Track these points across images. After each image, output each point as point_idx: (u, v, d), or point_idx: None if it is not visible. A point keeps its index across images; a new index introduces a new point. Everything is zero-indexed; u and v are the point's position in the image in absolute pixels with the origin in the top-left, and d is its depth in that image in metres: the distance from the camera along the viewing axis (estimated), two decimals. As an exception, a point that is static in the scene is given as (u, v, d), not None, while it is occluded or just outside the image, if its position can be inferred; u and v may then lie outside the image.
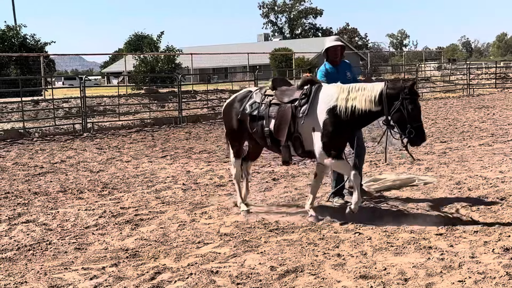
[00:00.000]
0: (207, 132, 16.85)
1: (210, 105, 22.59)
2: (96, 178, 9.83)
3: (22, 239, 6.25)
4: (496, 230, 5.80)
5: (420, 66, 40.76)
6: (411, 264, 4.93)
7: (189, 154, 12.38)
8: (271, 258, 5.27)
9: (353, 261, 5.11)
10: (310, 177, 7.63)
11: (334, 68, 7.19)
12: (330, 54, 7.21)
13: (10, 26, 33.27)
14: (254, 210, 7.09)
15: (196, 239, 6.01)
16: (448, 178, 8.50)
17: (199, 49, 54.64)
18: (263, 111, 6.58)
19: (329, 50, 7.18)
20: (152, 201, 7.87)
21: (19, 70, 29.55)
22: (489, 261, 4.91)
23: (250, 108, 6.71)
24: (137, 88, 29.18)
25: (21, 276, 5.06)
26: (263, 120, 6.55)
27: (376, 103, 6.02)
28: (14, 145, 14.80)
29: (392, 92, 5.98)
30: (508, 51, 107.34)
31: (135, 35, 43.15)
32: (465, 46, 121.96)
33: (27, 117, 17.68)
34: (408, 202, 7.18)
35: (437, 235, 5.73)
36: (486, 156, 10.22)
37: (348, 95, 6.13)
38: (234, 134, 7.03)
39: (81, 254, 5.66)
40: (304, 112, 6.29)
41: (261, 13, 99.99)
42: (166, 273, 5.01)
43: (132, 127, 18.37)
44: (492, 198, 7.19)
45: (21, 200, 8.22)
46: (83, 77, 18.81)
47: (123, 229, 6.54)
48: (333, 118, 6.16)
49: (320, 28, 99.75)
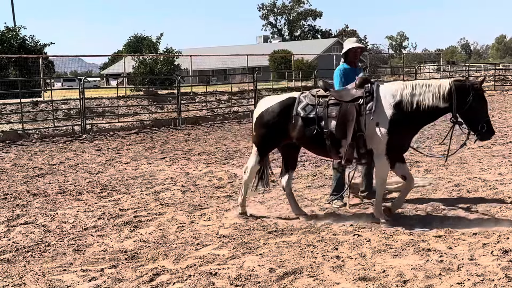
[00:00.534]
0: (206, 134, 16.85)
1: (209, 106, 22.59)
2: (95, 179, 9.82)
3: (21, 241, 6.24)
4: (495, 232, 5.80)
5: (419, 68, 40.79)
6: (410, 266, 4.93)
7: (188, 155, 12.38)
8: (270, 260, 5.26)
9: (352, 263, 5.11)
10: (396, 179, 7.29)
11: (352, 69, 7.27)
12: (351, 56, 7.30)
13: (9, 27, 33.31)
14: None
15: (195, 241, 6.01)
16: (447, 180, 8.50)
17: (198, 50, 54.70)
18: (321, 113, 6.42)
19: (350, 51, 7.26)
20: (151, 203, 7.86)
21: (18, 72, 29.57)
22: (488, 263, 4.91)
23: (304, 111, 6.49)
24: (136, 90, 29.19)
25: (20, 278, 5.06)
26: (321, 121, 6.39)
27: (445, 99, 6.09)
28: (13, 146, 14.78)
29: (462, 88, 6.07)
30: (507, 53, 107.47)
31: (135, 37, 43.22)
32: (464, 48, 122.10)
33: (26, 118, 17.66)
34: (408, 204, 7.17)
35: (436, 237, 5.73)
36: (485, 158, 10.23)
37: (413, 91, 6.18)
38: (271, 141, 6.78)
39: (79, 256, 5.65)
40: (371, 109, 6.22)
41: (261, 15, 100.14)
42: (165, 274, 5.00)
43: (131, 129, 18.37)
44: (491, 200, 7.20)
45: (20, 201, 8.22)
46: (82, 79, 18.81)
47: (122, 230, 6.53)
48: (400, 113, 6.17)
49: (320, 30, 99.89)
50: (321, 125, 6.38)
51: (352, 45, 7.24)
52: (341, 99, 6.40)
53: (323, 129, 6.37)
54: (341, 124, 6.29)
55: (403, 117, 6.16)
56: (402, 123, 6.17)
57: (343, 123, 6.28)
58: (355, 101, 6.32)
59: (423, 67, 43.21)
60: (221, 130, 17.85)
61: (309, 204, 7.44)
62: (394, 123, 6.16)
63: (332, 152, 6.49)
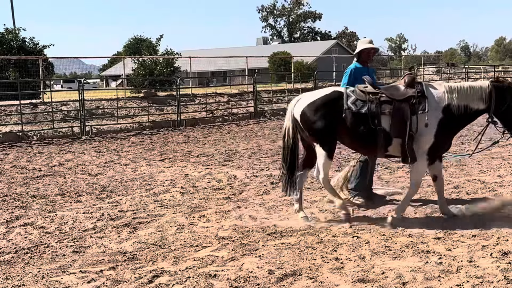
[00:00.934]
0: (205, 136, 16.86)
1: (209, 108, 22.60)
2: (94, 181, 9.82)
3: (20, 242, 6.24)
4: (494, 234, 5.80)
5: (419, 70, 40.81)
6: (409, 268, 4.93)
7: (187, 157, 12.38)
8: (269, 261, 5.26)
9: (351, 264, 5.11)
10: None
11: (364, 68, 7.35)
12: (364, 56, 7.40)
13: (9, 29, 33.33)
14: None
15: (194, 242, 6.01)
16: (446, 182, 8.49)
17: (197, 52, 54.69)
18: (374, 109, 6.34)
19: (364, 51, 7.35)
20: (150, 205, 7.86)
21: (18, 73, 29.55)
22: (487, 265, 4.91)
23: (355, 106, 6.38)
24: (135, 91, 29.18)
25: (19, 279, 5.06)
26: (374, 118, 6.32)
27: (485, 101, 6.21)
28: (12, 148, 14.78)
29: (500, 89, 6.20)
30: (506, 56, 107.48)
31: (134, 38, 43.28)
32: (464, 50, 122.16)
33: (26, 120, 17.66)
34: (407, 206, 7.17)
35: (435, 239, 5.73)
36: (485, 160, 10.23)
37: (458, 95, 6.27)
38: (328, 134, 6.49)
39: (79, 257, 5.65)
40: (424, 109, 6.24)
41: (260, 17, 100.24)
42: (164, 276, 5.00)
43: (130, 130, 18.37)
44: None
45: (19, 203, 8.21)
46: (81, 80, 18.83)
47: (121, 232, 6.53)
48: (447, 115, 6.25)
49: (319, 31, 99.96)
50: (374, 122, 6.31)
51: (366, 46, 7.35)
52: (393, 97, 6.38)
53: (376, 126, 6.31)
54: (397, 122, 6.26)
55: (450, 119, 6.27)
56: (449, 125, 6.28)
57: (399, 121, 6.26)
58: (407, 100, 6.32)
59: (422, 69, 43.25)
60: (221, 132, 17.86)
61: (308, 206, 7.44)
62: (442, 124, 6.25)
63: (381, 150, 6.43)
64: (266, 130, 18.15)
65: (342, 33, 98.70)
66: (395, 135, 6.27)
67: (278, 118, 22.38)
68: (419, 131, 6.22)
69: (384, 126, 6.28)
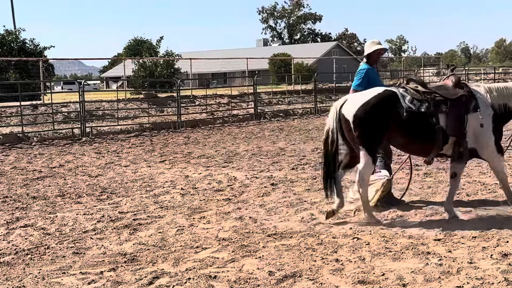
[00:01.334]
0: (205, 137, 16.86)
1: (209, 110, 22.61)
2: (94, 182, 9.83)
3: (20, 244, 6.24)
4: (495, 235, 5.80)
5: (419, 72, 40.82)
6: (409, 269, 4.93)
7: (187, 159, 12.38)
8: (269, 263, 5.26)
9: (351, 266, 5.11)
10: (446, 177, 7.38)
11: (374, 69, 7.48)
12: (375, 57, 7.50)
13: (9, 30, 33.40)
14: None
15: (195, 243, 6.01)
16: (446, 184, 8.48)
17: (198, 54, 54.75)
18: (433, 108, 6.36)
19: (374, 53, 7.43)
20: (151, 206, 7.86)
21: (18, 75, 29.61)
22: (487, 266, 4.91)
23: (414, 105, 6.35)
24: (136, 93, 29.20)
25: (19, 281, 5.06)
26: (433, 117, 6.34)
27: None
28: (12, 149, 14.79)
29: None
30: (506, 57, 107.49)
31: (135, 40, 43.31)
32: (464, 52, 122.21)
33: (26, 121, 17.68)
34: (407, 207, 7.17)
35: (435, 241, 5.73)
36: (485, 162, 10.21)
37: (497, 94, 6.48)
38: (379, 136, 6.39)
39: (79, 259, 5.65)
40: (476, 108, 6.36)
41: (261, 18, 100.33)
42: (164, 277, 5.00)
43: (131, 132, 18.38)
44: (490, 204, 7.20)
45: (20, 204, 8.22)
46: (82, 82, 18.86)
47: (121, 233, 6.53)
48: (495, 114, 6.45)
49: (319, 33, 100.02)
50: (434, 121, 6.33)
51: (378, 47, 7.43)
52: (447, 96, 6.44)
53: (435, 124, 6.33)
54: (453, 121, 6.34)
55: (498, 118, 6.47)
56: (498, 122, 6.48)
57: (455, 120, 6.34)
58: (459, 100, 6.41)
59: (422, 70, 43.27)
60: (221, 133, 17.87)
61: (308, 207, 7.44)
62: (495, 121, 6.44)
63: (438, 149, 6.45)
64: (266, 131, 18.15)
65: (342, 34, 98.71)
66: (452, 133, 6.37)
67: (278, 120, 22.40)
68: (475, 129, 6.39)
69: (442, 125, 6.36)
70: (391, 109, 6.30)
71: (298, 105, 26.09)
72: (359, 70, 7.44)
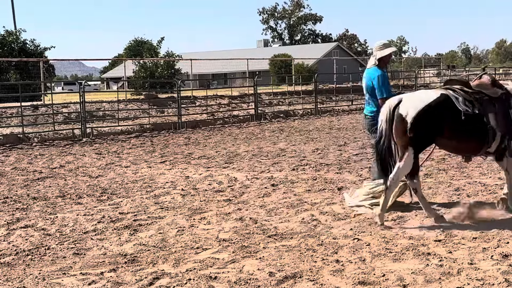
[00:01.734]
0: (206, 138, 16.86)
1: (210, 110, 22.62)
2: (95, 183, 9.83)
3: (21, 244, 6.24)
4: (495, 236, 5.80)
5: (419, 73, 40.83)
6: (409, 270, 4.93)
7: (188, 159, 12.38)
8: (270, 264, 5.26)
9: (351, 267, 5.10)
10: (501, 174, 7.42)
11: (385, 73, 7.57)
12: (386, 59, 7.55)
13: (9, 31, 33.40)
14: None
15: (195, 244, 6.01)
16: (447, 185, 8.51)
17: (198, 54, 54.79)
18: (484, 108, 6.42)
19: (387, 56, 7.49)
20: (151, 207, 7.86)
21: (19, 75, 29.64)
22: (488, 267, 4.91)
23: (468, 107, 6.37)
24: (136, 94, 29.25)
25: (20, 281, 5.06)
26: (484, 117, 6.40)
27: None
28: (13, 150, 14.80)
29: None
30: (507, 58, 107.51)
31: (135, 41, 43.31)
32: (465, 52, 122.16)
33: (26, 122, 17.68)
34: (407, 208, 7.17)
35: (436, 242, 5.73)
36: (485, 163, 10.21)
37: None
38: (430, 140, 6.47)
39: (79, 259, 5.65)
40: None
41: (261, 19, 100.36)
42: (165, 278, 5.00)
43: (131, 133, 18.38)
44: (491, 205, 7.19)
45: (20, 205, 8.22)
46: (82, 82, 18.85)
47: (121, 234, 6.53)
48: None
49: (320, 34, 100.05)
50: (487, 121, 6.40)
51: (390, 50, 7.49)
52: (492, 95, 6.51)
53: (487, 124, 6.41)
54: (502, 120, 6.42)
55: None
56: None
57: (503, 118, 6.42)
58: (500, 98, 6.48)
59: (423, 71, 43.26)
60: (221, 134, 17.87)
61: (309, 208, 7.44)
62: None
63: (487, 147, 6.52)
64: (266, 132, 18.16)
65: (342, 35, 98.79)
66: (502, 131, 6.44)
67: (279, 121, 22.40)
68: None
69: (492, 124, 6.43)
70: (450, 112, 6.32)
71: (299, 106, 26.08)
72: (378, 76, 7.31)
